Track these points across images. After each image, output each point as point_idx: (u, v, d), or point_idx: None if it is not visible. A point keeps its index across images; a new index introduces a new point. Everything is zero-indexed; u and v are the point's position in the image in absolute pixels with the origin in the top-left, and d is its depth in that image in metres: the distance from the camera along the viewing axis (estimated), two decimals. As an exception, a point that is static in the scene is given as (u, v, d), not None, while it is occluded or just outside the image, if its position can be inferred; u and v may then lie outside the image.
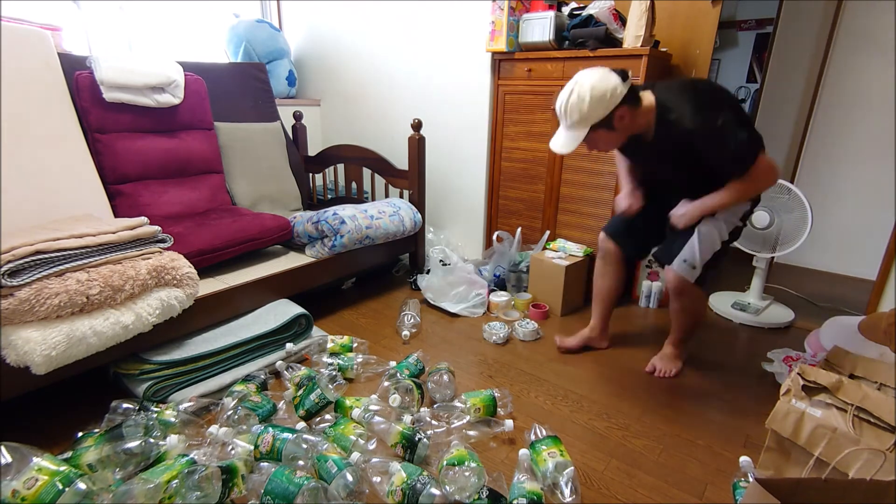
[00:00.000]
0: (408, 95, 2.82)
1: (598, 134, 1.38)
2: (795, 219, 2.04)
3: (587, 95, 1.31)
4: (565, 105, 1.36)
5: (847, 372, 1.11)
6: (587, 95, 1.31)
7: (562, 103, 1.37)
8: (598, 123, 1.36)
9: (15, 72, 1.72)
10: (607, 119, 1.35)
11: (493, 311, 2.19)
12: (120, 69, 1.93)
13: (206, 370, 1.55)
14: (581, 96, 1.32)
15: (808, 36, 2.67)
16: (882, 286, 1.93)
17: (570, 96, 1.34)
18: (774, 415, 1.06)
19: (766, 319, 2.16)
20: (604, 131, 1.38)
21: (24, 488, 0.99)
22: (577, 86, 1.34)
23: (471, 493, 1.09)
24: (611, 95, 1.32)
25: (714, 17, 2.09)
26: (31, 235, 1.32)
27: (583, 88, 1.32)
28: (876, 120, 2.53)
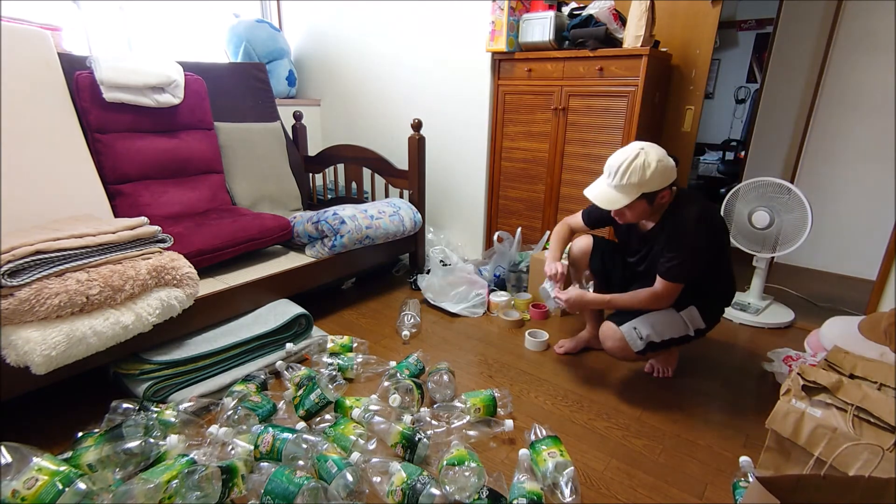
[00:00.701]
0: (408, 95, 2.82)
1: (640, 204, 1.41)
2: (795, 219, 2.04)
3: (654, 164, 1.34)
4: (628, 165, 1.35)
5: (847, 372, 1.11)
6: (654, 164, 1.34)
7: (623, 162, 1.36)
8: (647, 195, 1.38)
9: (15, 72, 1.72)
10: (654, 194, 1.39)
11: (493, 311, 2.19)
12: (120, 69, 1.93)
13: (206, 370, 1.55)
14: (648, 163, 1.34)
15: (808, 36, 2.67)
16: (882, 286, 1.93)
17: (635, 158, 1.35)
18: (774, 415, 1.06)
19: (766, 319, 2.16)
20: (645, 203, 1.41)
21: (24, 488, 0.99)
22: (643, 152, 1.36)
23: (471, 493, 1.09)
24: (669, 174, 1.38)
25: (714, 17, 2.10)
26: (31, 235, 1.32)
27: (650, 157, 1.35)
28: (876, 120, 2.53)
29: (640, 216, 1.48)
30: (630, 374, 1.74)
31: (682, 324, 1.55)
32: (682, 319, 1.55)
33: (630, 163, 1.35)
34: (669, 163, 1.38)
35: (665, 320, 1.53)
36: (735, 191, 2.18)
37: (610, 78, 2.09)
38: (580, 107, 2.20)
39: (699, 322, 1.57)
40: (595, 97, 2.15)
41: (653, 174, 1.34)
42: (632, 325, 1.52)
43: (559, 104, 2.25)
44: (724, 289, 1.61)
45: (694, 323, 1.56)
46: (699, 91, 2.24)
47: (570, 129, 2.26)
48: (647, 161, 1.34)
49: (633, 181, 1.35)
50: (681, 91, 2.28)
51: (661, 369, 1.71)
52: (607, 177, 1.42)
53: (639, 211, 1.45)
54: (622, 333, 1.53)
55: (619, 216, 1.50)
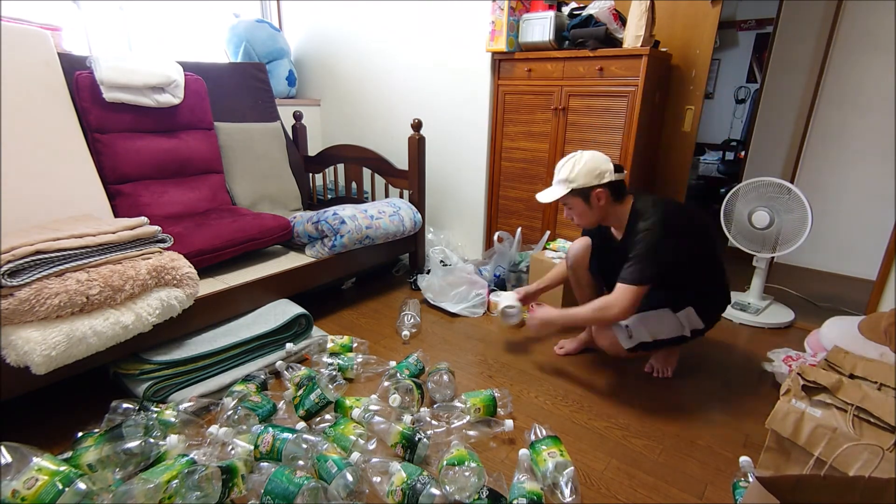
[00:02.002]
0: (408, 95, 2.82)
1: (576, 201, 1.53)
2: (795, 219, 2.04)
3: (582, 162, 1.48)
4: (563, 164, 1.52)
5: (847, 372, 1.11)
6: (582, 162, 1.48)
7: (562, 162, 1.53)
8: (578, 191, 1.50)
9: (15, 72, 1.72)
10: (586, 191, 1.50)
11: (493, 311, 2.19)
12: (120, 69, 1.93)
13: (206, 370, 1.55)
14: (575, 161, 1.49)
15: (808, 36, 2.67)
16: (882, 286, 1.93)
17: (570, 158, 1.52)
18: (774, 415, 1.06)
19: (766, 319, 2.16)
20: (580, 201, 1.53)
21: (24, 488, 0.99)
22: (579, 153, 1.51)
23: (471, 493, 1.09)
24: (598, 174, 1.48)
25: (714, 17, 2.10)
26: (31, 235, 1.32)
27: (583, 157, 1.50)
28: (876, 120, 2.53)
29: (583, 215, 1.56)
30: (630, 375, 1.74)
31: (676, 324, 1.55)
32: (677, 320, 1.55)
33: (566, 161, 1.52)
34: (601, 165, 1.48)
35: (658, 320, 1.54)
36: (735, 191, 2.18)
37: (610, 78, 2.09)
38: (580, 107, 2.21)
39: (697, 322, 1.57)
40: (595, 97, 2.15)
41: (579, 171, 1.47)
42: (623, 322, 1.54)
43: (559, 104, 2.25)
44: (720, 288, 1.61)
45: (691, 323, 1.56)
46: (699, 91, 2.24)
47: (570, 129, 2.26)
48: (580, 158, 1.49)
49: (561, 177, 1.51)
50: (681, 91, 2.28)
51: (661, 369, 1.71)
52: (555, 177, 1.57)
53: (579, 209, 1.54)
54: (611, 331, 1.56)
55: (569, 216, 1.60)
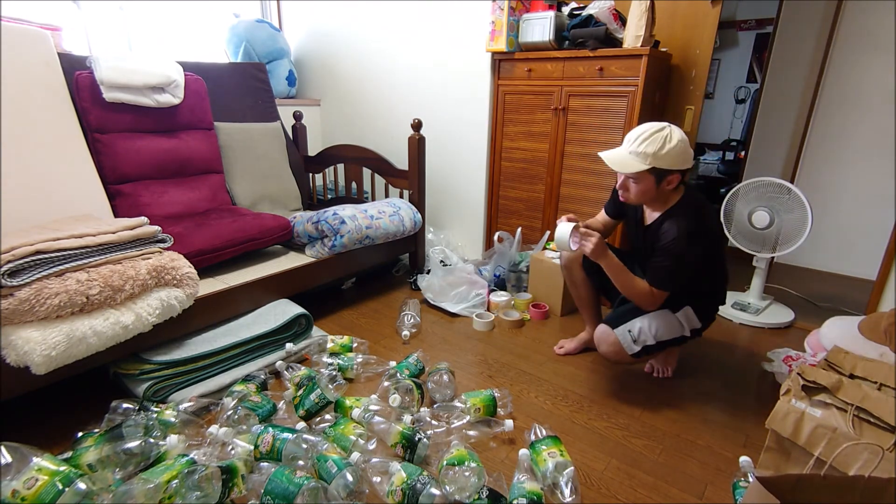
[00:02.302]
0: (408, 95, 2.82)
1: (647, 179, 1.40)
2: (795, 219, 2.04)
3: (675, 141, 1.34)
4: (651, 133, 1.35)
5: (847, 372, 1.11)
6: (675, 141, 1.34)
7: (647, 130, 1.36)
8: (657, 170, 1.37)
9: (15, 72, 1.72)
10: (664, 172, 1.38)
11: (493, 311, 2.19)
12: (120, 69, 1.93)
13: (206, 370, 1.55)
14: (670, 137, 1.34)
15: (808, 36, 2.67)
16: (882, 286, 1.93)
17: (660, 130, 1.35)
18: (774, 415, 1.06)
19: (766, 319, 2.16)
20: (653, 180, 1.40)
21: (24, 488, 0.99)
22: (669, 128, 1.36)
23: (471, 493, 1.09)
24: (685, 158, 1.37)
25: (714, 17, 2.10)
26: (31, 235, 1.32)
27: (674, 133, 1.36)
28: (876, 120, 2.53)
29: (643, 194, 1.44)
30: (630, 374, 1.74)
31: (677, 325, 1.55)
32: (677, 320, 1.55)
33: (653, 132, 1.35)
34: (689, 148, 1.38)
35: (661, 322, 1.53)
36: (735, 191, 2.18)
37: (610, 78, 2.09)
38: (580, 107, 2.20)
39: (695, 321, 1.57)
40: (595, 97, 2.15)
41: (670, 150, 1.34)
42: (626, 327, 1.52)
43: (559, 104, 2.25)
44: (719, 287, 1.61)
45: (690, 323, 1.56)
46: (699, 91, 2.23)
47: (570, 129, 2.26)
48: (671, 136, 1.35)
49: (649, 150, 1.34)
50: (681, 91, 2.28)
51: (661, 369, 1.71)
52: (627, 142, 1.41)
53: (643, 187, 1.42)
54: (616, 337, 1.53)
55: (623, 189, 1.48)
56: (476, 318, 2.08)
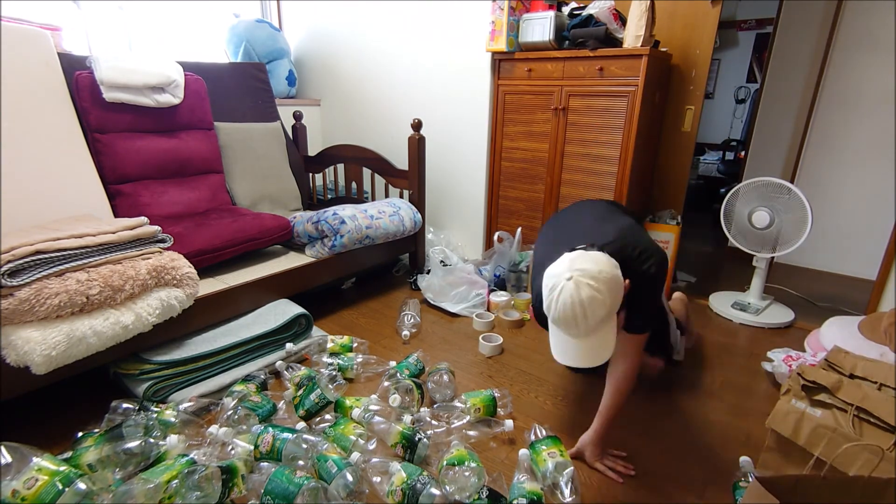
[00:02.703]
0: (408, 95, 2.82)
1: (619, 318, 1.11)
2: (795, 219, 2.04)
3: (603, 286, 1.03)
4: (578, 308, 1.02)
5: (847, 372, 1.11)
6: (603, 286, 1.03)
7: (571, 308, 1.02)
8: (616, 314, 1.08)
9: (15, 72, 1.72)
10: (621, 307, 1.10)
11: (493, 311, 2.19)
12: (120, 69, 1.93)
13: (206, 370, 1.55)
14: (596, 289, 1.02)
15: (808, 36, 2.67)
16: (882, 286, 1.93)
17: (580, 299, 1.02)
18: (774, 415, 1.06)
19: (766, 319, 2.16)
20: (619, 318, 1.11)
21: (24, 488, 0.99)
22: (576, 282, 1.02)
23: (470, 492, 1.09)
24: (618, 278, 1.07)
25: (714, 17, 2.10)
26: (31, 235, 1.32)
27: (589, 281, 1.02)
28: (876, 120, 2.53)
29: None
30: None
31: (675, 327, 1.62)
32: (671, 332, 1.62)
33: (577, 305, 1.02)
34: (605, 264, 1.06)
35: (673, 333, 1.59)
36: (735, 191, 2.18)
37: (610, 78, 2.09)
38: (580, 107, 2.20)
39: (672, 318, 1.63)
40: (595, 97, 2.15)
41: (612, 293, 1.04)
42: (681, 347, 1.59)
43: (559, 104, 2.25)
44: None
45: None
46: (699, 91, 2.24)
47: (570, 129, 2.26)
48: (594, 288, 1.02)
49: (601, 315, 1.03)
50: (681, 91, 2.28)
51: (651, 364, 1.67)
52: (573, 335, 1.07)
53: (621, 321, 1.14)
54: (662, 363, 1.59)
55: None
56: (476, 318, 2.08)
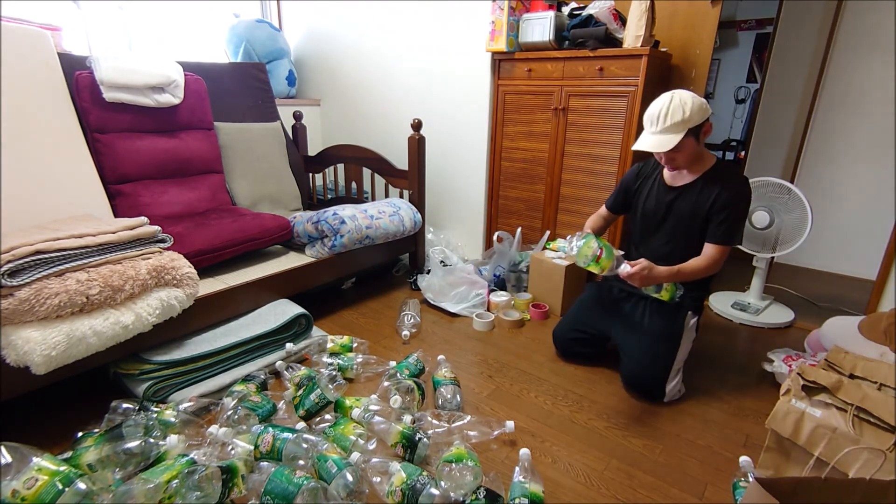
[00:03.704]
0: (408, 95, 2.82)
1: (689, 142, 1.46)
2: (795, 219, 2.04)
3: (689, 101, 1.42)
4: (667, 108, 1.42)
5: (847, 372, 1.11)
6: (689, 101, 1.42)
7: (661, 106, 1.44)
8: (692, 130, 1.44)
9: (15, 72, 1.72)
10: (698, 128, 1.46)
11: (493, 311, 2.19)
12: (120, 69, 1.93)
13: (206, 370, 1.55)
14: (684, 101, 1.42)
15: (808, 36, 2.67)
16: (882, 286, 1.93)
17: (671, 101, 1.43)
18: (774, 415, 1.06)
19: (766, 319, 2.16)
20: (693, 140, 1.47)
21: (24, 488, 0.99)
22: (676, 94, 1.44)
23: (466, 490, 1.09)
24: (706, 107, 1.45)
25: (714, 17, 2.10)
26: (31, 235, 1.32)
27: (684, 96, 1.43)
28: (876, 120, 2.53)
29: (690, 156, 1.51)
30: (630, 374, 1.74)
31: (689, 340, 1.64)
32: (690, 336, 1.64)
33: (668, 106, 1.43)
34: (701, 98, 1.45)
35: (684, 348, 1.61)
36: (735, 191, 2.18)
37: (610, 78, 2.09)
38: (580, 107, 2.20)
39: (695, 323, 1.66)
40: (595, 97, 2.15)
41: (692, 109, 1.41)
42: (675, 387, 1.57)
43: (559, 104, 2.25)
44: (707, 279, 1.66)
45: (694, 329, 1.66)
46: (699, 91, 2.23)
47: (570, 129, 2.26)
48: (683, 99, 1.42)
49: (676, 120, 1.42)
50: (681, 91, 2.28)
51: None
52: (650, 126, 1.48)
53: (689, 150, 1.49)
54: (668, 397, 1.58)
55: (670, 162, 1.54)
56: (476, 318, 2.08)
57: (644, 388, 1.57)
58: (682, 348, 1.59)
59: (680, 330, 1.60)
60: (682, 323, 1.61)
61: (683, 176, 1.59)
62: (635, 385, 1.60)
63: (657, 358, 1.55)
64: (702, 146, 1.53)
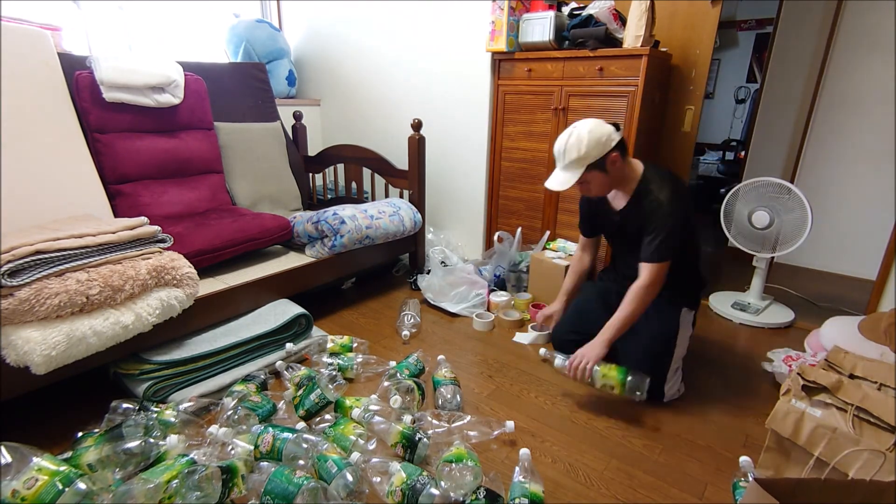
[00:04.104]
0: (408, 95, 2.82)
1: (593, 175, 1.48)
2: (795, 219, 2.04)
3: (585, 137, 1.43)
4: (564, 145, 1.46)
5: (847, 372, 1.11)
6: (585, 137, 1.43)
7: (561, 144, 1.48)
8: (593, 164, 1.46)
9: (15, 72, 1.72)
10: (601, 161, 1.46)
11: (493, 311, 2.19)
12: (120, 69, 1.93)
13: (206, 370, 1.55)
14: (580, 138, 1.44)
15: (808, 36, 2.67)
16: (882, 286, 1.93)
17: (569, 138, 1.46)
18: (774, 415, 1.06)
19: (766, 319, 2.16)
20: (598, 173, 1.48)
21: (24, 488, 0.99)
22: (575, 129, 1.46)
23: (466, 490, 1.09)
24: (606, 139, 1.45)
25: (714, 17, 2.10)
26: (31, 235, 1.32)
27: (581, 131, 1.45)
28: (876, 120, 2.53)
29: (602, 186, 1.54)
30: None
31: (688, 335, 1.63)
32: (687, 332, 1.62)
33: (566, 143, 1.46)
34: (601, 131, 1.44)
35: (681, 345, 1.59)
36: (735, 191, 2.18)
37: (610, 78, 2.09)
38: (580, 107, 2.20)
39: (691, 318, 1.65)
40: (595, 97, 2.15)
41: (588, 145, 1.43)
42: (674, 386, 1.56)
43: (559, 104, 2.25)
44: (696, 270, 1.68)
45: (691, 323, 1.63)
46: (699, 91, 2.23)
47: (570, 129, 2.26)
48: (580, 136, 1.44)
49: (572, 158, 1.45)
50: (681, 91, 2.28)
51: None
52: (557, 161, 1.52)
53: (599, 182, 1.51)
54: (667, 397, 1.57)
55: (586, 192, 1.58)
56: (476, 318, 2.08)
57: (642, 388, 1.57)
58: (680, 345, 1.58)
59: (676, 327, 1.59)
60: (677, 320, 1.60)
61: (619, 197, 1.59)
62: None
63: (655, 357, 1.55)
64: (620, 170, 1.50)
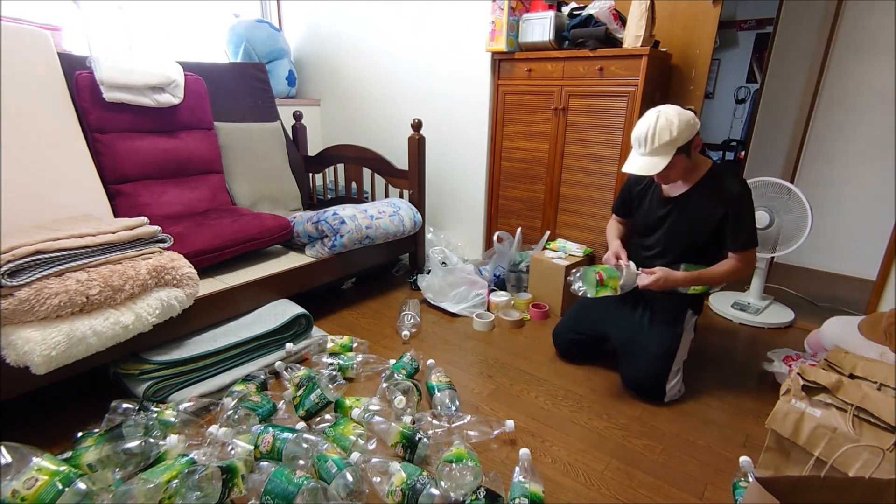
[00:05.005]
0: (408, 95, 2.82)
1: (679, 159, 1.46)
2: (795, 219, 2.04)
3: (676, 120, 1.41)
4: (653, 129, 1.42)
5: (847, 372, 1.11)
6: (676, 120, 1.41)
7: (647, 128, 1.43)
8: (682, 147, 1.44)
9: (15, 72, 1.72)
10: (688, 144, 1.45)
11: (493, 311, 2.19)
12: (120, 69, 1.93)
13: (206, 370, 1.55)
14: (670, 120, 1.41)
15: (808, 36, 2.67)
16: (882, 286, 1.93)
17: (657, 122, 1.42)
18: (774, 415, 1.06)
19: (766, 319, 2.16)
20: (683, 157, 1.47)
21: (24, 488, 0.99)
22: (660, 113, 1.43)
23: (466, 490, 1.09)
24: (693, 122, 1.45)
25: (714, 17, 2.09)
26: (31, 235, 1.32)
27: (669, 114, 1.42)
28: (876, 120, 2.53)
29: (683, 171, 1.52)
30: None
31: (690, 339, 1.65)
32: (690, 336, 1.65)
33: (654, 127, 1.42)
34: (688, 114, 1.44)
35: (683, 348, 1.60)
36: (735, 191, 2.18)
37: (610, 78, 2.09)
38: (580, 107, 2.20)
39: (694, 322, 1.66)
40: (595, 97, 2.15)
41: (679, 128, 1.41)
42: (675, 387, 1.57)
43: (559, 104, 2.25)
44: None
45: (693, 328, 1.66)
46: (699, 91, 2.23)
47: (570, 129, 2.26)
48: (669, 119, 1.41)
49: (664, 141, 1.41)
50: (681, 91, 2.28)
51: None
52: (639, 147, 1.48)
53: (681, 167, 1.49)
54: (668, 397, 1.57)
55: (663, 179, 1.55)
56: (476, 318, 2.08)
57: (644, 388, 1.57)
58: (682, 348, 1.59)
59: (680, 330, 1.60)
60: (682, 323, 1.61)
61: (679, 185, 1.59)
62: (635, 386, 1.60)
63: (657, 358, 1.55)
64: (695, 157, 1.52)
